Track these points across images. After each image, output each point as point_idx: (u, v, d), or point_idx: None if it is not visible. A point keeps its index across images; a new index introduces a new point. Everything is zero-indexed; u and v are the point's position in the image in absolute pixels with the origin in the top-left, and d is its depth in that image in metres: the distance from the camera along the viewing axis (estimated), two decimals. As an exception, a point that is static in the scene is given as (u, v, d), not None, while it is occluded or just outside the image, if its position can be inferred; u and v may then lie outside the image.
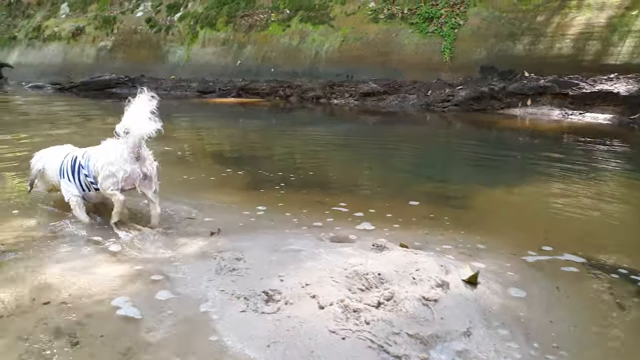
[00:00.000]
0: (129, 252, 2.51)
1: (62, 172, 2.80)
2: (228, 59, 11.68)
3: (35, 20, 15.81)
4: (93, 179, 2.69)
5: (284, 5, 11.43)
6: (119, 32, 13.42)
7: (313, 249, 2.41)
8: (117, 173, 2.55)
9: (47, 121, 7.40)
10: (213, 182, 3.95)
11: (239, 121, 8.06)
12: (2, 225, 2.82)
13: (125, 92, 11.55)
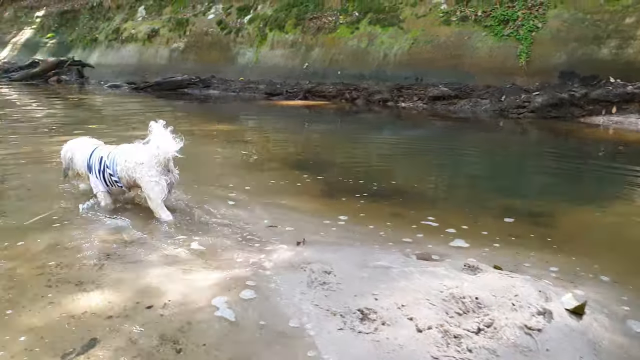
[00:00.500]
0: (220, 258, 2.58)
1: (91, 168, 3.19)
2: (295, 61, 11.80)
3: (114, 23, 16.68)
4: (117, 179, 3.09)
5: (352, 8, 11.40)
6: (191, 34, 13.89)
7: (403, 267, 2.37)
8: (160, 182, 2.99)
9: (121, 120, 7.77)
10: (289, 188, 3.96)
11: (306, 125, 8.12)
12: (97, 228, 2.98)
13: (196, 92, 11.97)
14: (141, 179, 2.99)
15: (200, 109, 9.93)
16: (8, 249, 2.62)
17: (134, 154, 3.04)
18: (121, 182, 3.11)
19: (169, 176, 3.01)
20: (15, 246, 2.66)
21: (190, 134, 6.27)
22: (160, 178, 2.96)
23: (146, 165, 2.97)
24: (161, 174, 2.97)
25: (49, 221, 3.01)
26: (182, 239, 2.84)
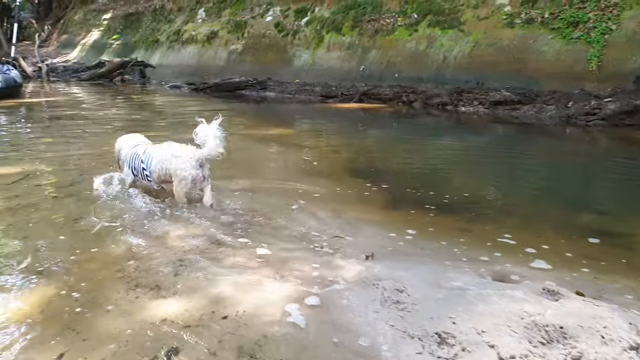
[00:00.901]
0: (288, 268, 2.58)
1: (127, 159, 3.59)
2: (352, 64, 11.77)
3: (175, 24, 17.23)
4: (149, 173, 3.39)
5: (411, 10, 11.24)
6: (249, 36, 14.13)
7: (480, 289, 2.29)
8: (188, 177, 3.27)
9: (183, 121, 7.96)
10: (352, 197, 3.91)
11: (365, 128, 8.06)
12: (167, 234, 3.06)
13: (253, 94, 12.17)
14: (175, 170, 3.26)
15: (256, 111, 10.08)
16: (87, 252, 2.74)
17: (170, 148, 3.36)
18: (152, 175, 3.41)
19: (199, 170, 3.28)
20: (94, 250, 2.78)
21: (249, 137, 6.38)
22: (189, 172, 3.23)
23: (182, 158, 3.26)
24: (194, 167, 3.24)
25: (121, 226, 3.12)
26: (250, 245, 2.87)
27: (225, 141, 3.22)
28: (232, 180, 4.17)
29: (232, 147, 5.39)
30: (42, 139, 5.91)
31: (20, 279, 2.43)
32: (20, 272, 2.49)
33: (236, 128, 7.19)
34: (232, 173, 4.38)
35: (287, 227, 3.19)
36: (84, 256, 2.69)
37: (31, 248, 2.75)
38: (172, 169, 3.27)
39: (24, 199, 3.54)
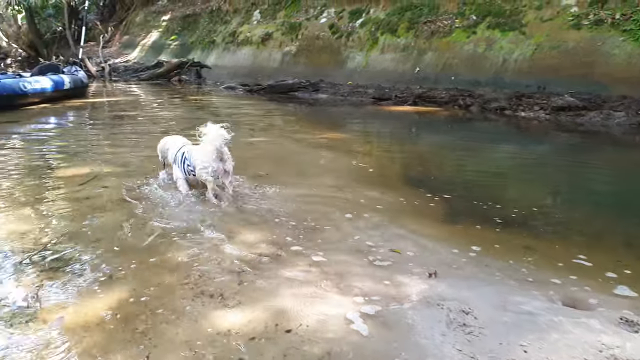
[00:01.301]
0: (348, 281, 2.57)
1: (176, 160, 3.87)
2: (406, 66, 11.61)
3: (231, 26, 17.59)
4: (192, 168, 3.70)
5: (470, 11, 10.95)
6: (303, 38, 14.22)
7: (551, 315, 2.19)
8: (209, 168, 3.56)
9: (239, 124, 8.10)
10: (409, 208, 3.82)
11: (419, 133, 7.93)
12: (230, 240, 3.11)
13: (305, 96, 12.22)
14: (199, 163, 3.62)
15: (308, 113, 10.11)
16: (154, 257, 2.82)
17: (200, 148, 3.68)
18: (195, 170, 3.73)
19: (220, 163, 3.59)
20: (160, 255, 2.86)
21: (301, 142, 6.39)
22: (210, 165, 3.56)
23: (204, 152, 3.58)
24: (214, 161, 3.54)
25: (184, 230, 3.20)
26: (307, 255, 2.88)
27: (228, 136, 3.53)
28: (286, 186, 4.19)
29: (286, 152, 5.48)
30: (106, 140, 6.16)
31: (92, 283, 2.53)
32: (92, 277, 2.59)
33: (288, 132, 7.25)
34: (286, 179, 4.40)
35: (344, 237, 3.17)
36: (151, 261, 2.78)
37: (102, 252, 2.87)
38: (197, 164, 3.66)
39: (93, 201, 3.71)
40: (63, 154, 5.32)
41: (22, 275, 2.59)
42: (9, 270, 2.66)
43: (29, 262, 2.74)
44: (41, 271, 2.63)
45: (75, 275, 2.61)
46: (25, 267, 2.69)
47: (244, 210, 3.61)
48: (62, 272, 2.63)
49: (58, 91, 9.92)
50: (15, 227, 3.21)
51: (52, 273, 2.61)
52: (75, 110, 9.28)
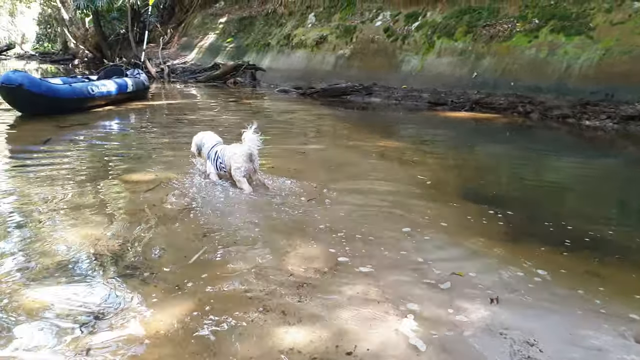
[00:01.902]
0: (407, 304, 2.53)
1: (210, 156, 4.50)
2: (463, 70, 11.35)
3: (286, 29, 17.79)
4: (224, 166, 4.33)
5: (532, 15, 10.56)
6: (357, 41, 14.18)
7: (623, 354, 2.08)
8: (241, 167, 4.18)
9: (293, 130, 8.17)
10: (469, 224, 3.71)
11: (477, 141, 7.72)
12: (291, 253, 3.15)
13: (358, 99, 12.19)
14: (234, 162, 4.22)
15: (361, 118, 10.07)
16: (217, 268, 2.89)
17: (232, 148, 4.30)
18: (226, 167, 4.33)
19: (250, 164, 4.19)
20: (223, 266, 2.93)
21: (354, 150, 6.33)
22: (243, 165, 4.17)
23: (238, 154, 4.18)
24: (246, 162, 4.16)
25: (247, 242, 3.26)
26: (365, 272, 2.88)
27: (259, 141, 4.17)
28: (340, 198, 4.20)
29: (339, 161, 5.46)
30: (168, 144, 6.36)
31: (158, 294, 2.62)
32: (158, 287, 2.69)
33: (341, 139, 7.22)
34: (341, 190, 4.40)
35: (401, 255, 3.13)
36: (214, 272, 2.85)
37: (168, 262, 2.97)
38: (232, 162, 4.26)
39: (159, 209, 3.85)
40: (128, 158, 5.54)
41: (93, 282, 2.72)
42: (80, 275, 2.79)
43: (100, 268, 2.87)
44: (111, 278, 2.75)
45: (144, 283, 2.71)
46: (96, 273, 2.82)
47: (299, 221, 3.64)
48: (131, 279, 2.75)
49: (122, 94, 10.39)
50: (86, 232, 3.38)
51: (122, 281, 2.73)
52: (137, 112, 9.67)
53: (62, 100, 8.58)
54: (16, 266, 2.86)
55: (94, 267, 2.89)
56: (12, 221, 3.55)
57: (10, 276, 2.74)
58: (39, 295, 2.55)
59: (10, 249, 3.09)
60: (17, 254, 3.02)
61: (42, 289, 2.62)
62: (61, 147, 6.06)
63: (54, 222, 3.55)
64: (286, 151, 6.08)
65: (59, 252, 3.05)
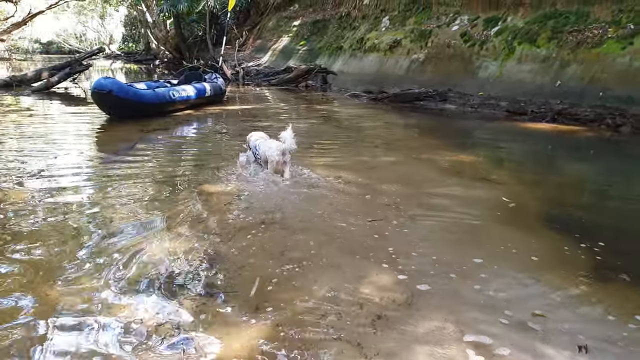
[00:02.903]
0: (489, 350, 2.42)
1: (251, 147, 5.56)
2: (546, 78, 10.77)
3: (359, 32, 17.74)
4: (259, 156, 5.31)
5: (627, 20, 9.82)
6: (432, 46, 13.86)
7: None
8: (275, 160, 5.02)
9: (365, 140, 8.11)
10: (552, 256, 3.46)
11: (559, 157, 7.30)
12: (366, 279, 3.11)
13: (431, 105, 11.92)
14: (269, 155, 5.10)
15: (435, 126, 9.82)
16: (294, 290, 2.92)
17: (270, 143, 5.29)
18: (261, 157, 5.27)
19: (281, 157, 5.01)
20: (300, 288, 2.95)
21: (429, 164, 6.12)
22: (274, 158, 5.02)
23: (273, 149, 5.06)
24: (278, 155, 4.99)
25: (323, 263, 3.27)
26: (441, 305, 2.80)
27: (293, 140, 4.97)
28: (414, 221, 4.10)
29: (413, 177, 5.34)
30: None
31: (235, 316, 2.67)
32: (235, 308, 2.74)
33: (414, 150, 7.02)
34: (414, 211, 4.31)
35: (478, 288, 2.99)
36: (289, 295, 2.88)
37: (245, 281, 3.03)
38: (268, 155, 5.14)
39: (237, 224, 3.95)
40: (206, 168, 5.72)
41: (177, 299, 2.83)
42: (159, 292, 2.91)
43: (180, 285, 2.98)
44: (190, 296, 2.85)
45: (222, 303, 2.78)
46: (175, 290, 2.93)
47: (370, 244, 3.60)
48: (210, 299, 2.83)
49: (200, 98, 10.82)
50: (166, 246, 3.52)
51: (200, 300, 2.81)
52: (213, 117, 10.02)
53: (146, 105, 9.08)
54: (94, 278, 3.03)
55: (173, 284, 2.99)
56: (90, 230, 3.77)
57: (95, 287, 2.91)
58: (119, 309, 2.69)
59: (89, 259, 3.27)
60: (95, 266, 3.20)
61: (123, 302, 2.76)
62: (144, 153, 6.40)
63: (131, 235, 3.70)
64: (356, 163, 6.05)
65: (139, 266, 3.20)
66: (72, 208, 4.25)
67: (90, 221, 3.95)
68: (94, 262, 3.23)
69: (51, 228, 3.78)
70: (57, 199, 4.45)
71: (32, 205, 4.26)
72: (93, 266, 3.17)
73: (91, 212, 4.15)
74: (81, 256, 3.31)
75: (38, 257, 3.28)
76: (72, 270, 3.10)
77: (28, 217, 3.98)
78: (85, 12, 58.55)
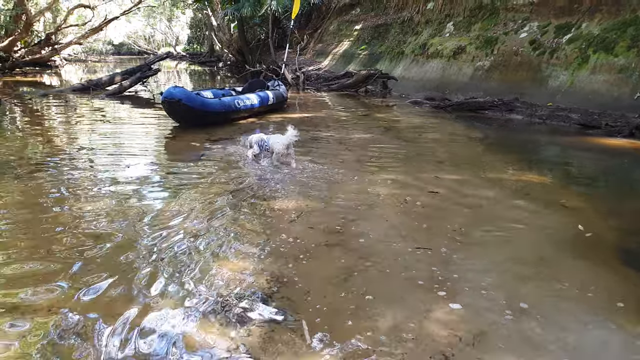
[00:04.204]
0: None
1: (257, 142, 6.57)
2: (623, 90, 10.14)
3: (422, 37, 17.46)
4: (268, 147, 6.48)
5: None
6: (499, 53, 13.41)
7: None
8: (280, 152, 6.25)
9: (424, 155, 7.95)
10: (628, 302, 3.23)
11: (638, 178, 6.85)
12: (432, 316, 3.06)
13: (496, 115, 11.55)
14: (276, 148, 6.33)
15: (500, 139, 9.49)
16: (358, 321, 2.92)
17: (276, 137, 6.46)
18: (269, 149, 6.46)
19: (286, 150, 6.30)
20: (368, 321, 2.95)
21: (494, 183, 5.88)
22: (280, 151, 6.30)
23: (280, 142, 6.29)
24: (284, 148, 6.27)
25: (385, 300, 3.25)
26: (506, 350, 2.71)
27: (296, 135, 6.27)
28: (481, 248, 3.99)
29: (478, 199, 5.16)
30: (307, 167, 6.57)
31: (303, 343, 2.71)
32: (303, 335, 2.78)
33: (478, 167, 6.74)
34: (481, 240, 4.19)
35: (548, 332, 2.85)
36: (354, 326, 2.88)
37: (312, 306, 3.06)
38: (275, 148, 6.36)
39: (306, 243, 4.00)
40: (271, 181, 5.83)
41: (246, 325, 2.90)
42: (232, 316, 2.99)
43: (249, 308, 3.06)
44: (263, 322, 2.91)
45: (289, 330, 2.83)
46: (247, 314, 3.01)
47: (436, 276, 3.53)
48: (279, 325, 2.88)
49: (263, 106, 11.05)
50: (234, 265, 3.62)
51: (272, 326, 2.87)
52: (275, 126, 10.18)
53: (213, 114, 9.39)
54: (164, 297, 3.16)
55: (242, 308, 3.06)
56: (156, 247, 3.93)
57: (164, 307, 3.03)
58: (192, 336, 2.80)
59: (159, 276, 3.42)
60: (165, 285, 3.33)
61: (193, 325, 2.86)
62: (211, 164, 6.59)
63: (200, 253, 3.82)
64: (419, 181, 5.95)
65: (208, 286, 3.30)
66: (139, 220, 4.45)
67: (156, 237, 4.10)
68: (161, 280, 3.37)
69: (116, 245, 3.98)
70: (126, 210, 4.68)
71: (106, 214, 4.51)
72: (162, 283, 3.31)
73: (157, 227, 4.31)
74: (150, 272, 3.46)
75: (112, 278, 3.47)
76: (141, 288, 3.26)
77: (99, 225, 4.22)
78: (154, 15, 61.34)
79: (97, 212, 4.65)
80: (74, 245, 3.88)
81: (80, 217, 4.52)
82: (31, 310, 2.99)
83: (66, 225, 4.28)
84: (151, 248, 3.88)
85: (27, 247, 3.88)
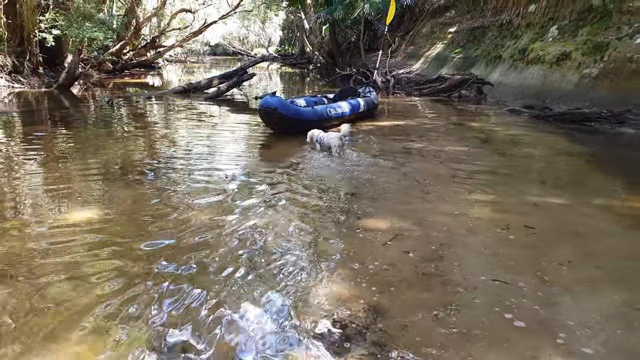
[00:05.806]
0: None
1: (317, 138, 8.11)
2: None
3: (521, 41, 16.58)
4: (324, 143, 7.95)
5: None
6: (609, 60, 12.38)
7: None
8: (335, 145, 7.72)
9: (516, 166, 7.53)
10: None
11: None
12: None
13: (605, 128, 10.71)
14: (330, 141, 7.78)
15: (611, 157, 8.75)
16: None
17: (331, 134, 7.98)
18: (325, 144, 7.89)
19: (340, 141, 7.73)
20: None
21: (606, 211, 5.42)
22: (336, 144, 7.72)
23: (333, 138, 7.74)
24: (339, 141, 7.69)
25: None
26: None
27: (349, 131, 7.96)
28: (591, 287, 3.73)
29: (585, 229, 4.79)
30: (400, 182, 6.51)
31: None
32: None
33: (584, 192, 6.16)
34: (592, 274, 3.90)
35: None
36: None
37: (410, 342, 3.04)
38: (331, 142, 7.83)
39: (402, 269, 3.98)
40: (365, 197, 5.84)
41: (344, 355, 2.95)
42: (330, 345, 3.05)
43: (349, 338, 3.10)
44: (360, 355, 2.94)
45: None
46: (344, 344, 3.05)
47: (542, 318, 3.35)
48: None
49: (354, 114, 11.11)
50: (331, 292, 3.67)
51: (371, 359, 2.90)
52: (366, 135, 10.18)
53: (306, 122, 9.60)
54: (261, 320, 3.27)
55: (340, 338, 3.11)
56: (252, 263, 4.07)
57: (258, 330, 3.15)
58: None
59: (253, 293, 3.55)
60: (260, 306, 3.45)
61: (293, 352, 2.95)
62: (304, 176, 6.75)
63: (295, 273, 3.92)
64: (520, 204, 5.66)
65: (305, 310, 3.38)
66: (233, 235, 4.65)
67: (252, 253, 4.28)
68: (257, 300, 3.50)
69: (214, 258, 4.19)
70: (220, 223, 4.91)
71: (206, 226, 4.77)
72: (258, 304, 3.45)
73: (250, 240, 4.49)
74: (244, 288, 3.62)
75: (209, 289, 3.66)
76: (238, 302, 3.41)
77: (201, 237, 4.47)
78: (248, 17, 63.73)
79: (199, 225, 4.92)
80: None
81: (186, 228, 4.81)
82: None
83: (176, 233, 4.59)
84: (251, 265, 4.04)
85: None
